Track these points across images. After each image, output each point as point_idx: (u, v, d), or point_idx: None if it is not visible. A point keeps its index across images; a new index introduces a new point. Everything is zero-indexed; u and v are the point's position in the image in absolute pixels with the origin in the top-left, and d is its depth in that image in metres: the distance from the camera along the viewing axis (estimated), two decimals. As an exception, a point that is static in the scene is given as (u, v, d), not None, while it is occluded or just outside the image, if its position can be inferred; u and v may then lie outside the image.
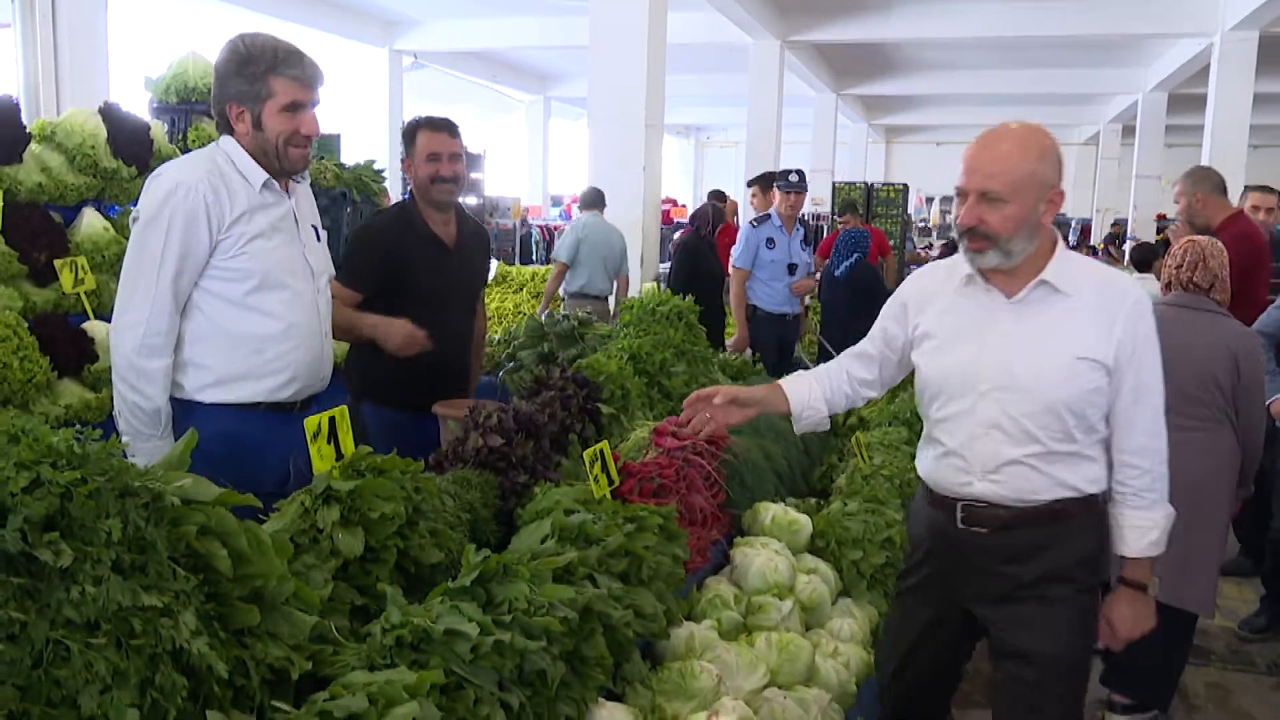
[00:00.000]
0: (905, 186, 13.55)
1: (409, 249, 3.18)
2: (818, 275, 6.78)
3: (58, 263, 3.22)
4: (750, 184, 7.53)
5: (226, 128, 2.42)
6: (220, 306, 2.36)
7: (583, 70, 17.55)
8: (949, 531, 2.15)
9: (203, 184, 2.29)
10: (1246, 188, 5.60)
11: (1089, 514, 2.09)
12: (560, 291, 7.14)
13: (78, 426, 1.32)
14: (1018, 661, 2.10)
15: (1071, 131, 23.57)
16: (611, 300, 7.18)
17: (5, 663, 1.10)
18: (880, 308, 2.31)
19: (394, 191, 8.30)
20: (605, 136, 8.14)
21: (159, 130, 3.93)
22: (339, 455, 1.94)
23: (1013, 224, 1.97)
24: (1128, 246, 12.13)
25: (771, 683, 2.17)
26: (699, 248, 6.57)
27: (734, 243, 6.09)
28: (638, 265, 7.93)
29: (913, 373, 2.26)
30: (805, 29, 12.91)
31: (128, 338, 2.30)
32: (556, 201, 19.78)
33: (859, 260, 6.48)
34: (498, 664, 1.45)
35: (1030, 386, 2.02)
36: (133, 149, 3.71)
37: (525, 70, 18.60)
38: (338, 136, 7.70)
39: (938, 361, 2.14)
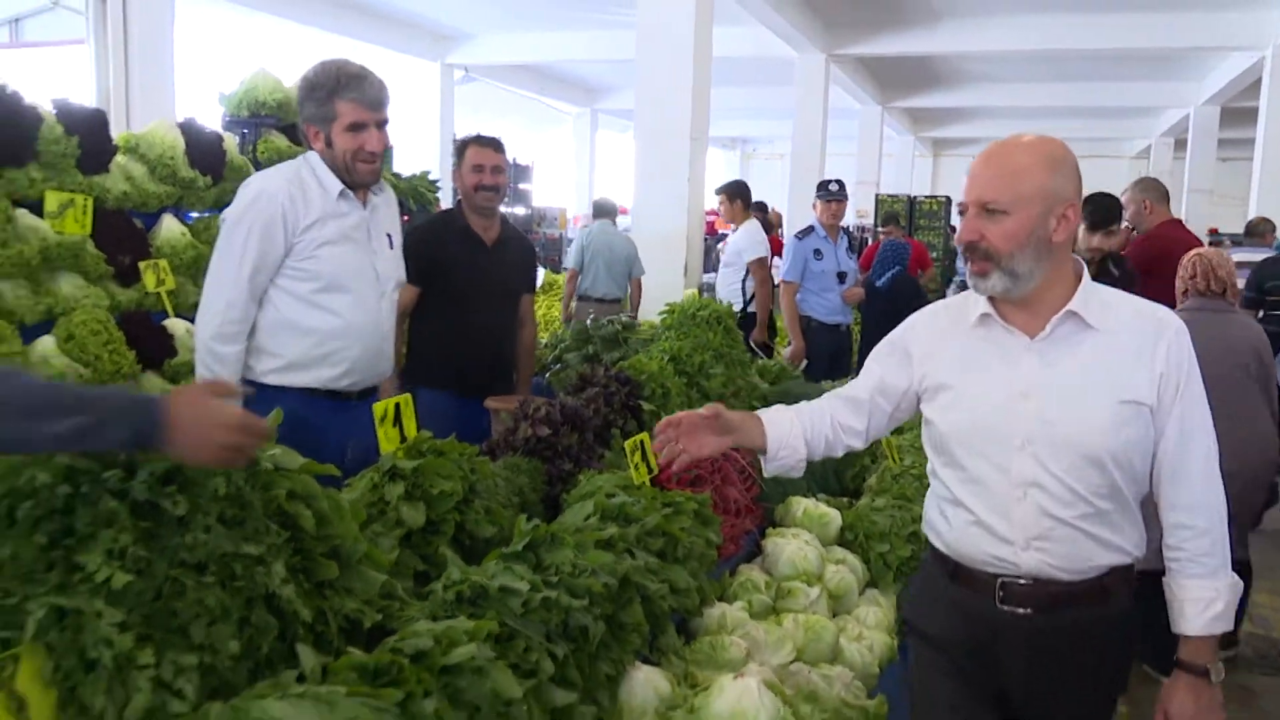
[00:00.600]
0: (948, 199, 13.58)
1: (447, 245, 3.57)
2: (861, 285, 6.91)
3: (142, 264, 3.48)
4: (718, 192, 7.50)
5: (308, 145, 2.69)
6: (290, 302, 2.62)
7: (629, 83, 17.77)
8: (984, 614, 1.87)
9: (281, 193, 2.56)
10: None
11: (1127, 584, 1.87)
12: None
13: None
14: None
15: (1123, 145, 23.37)
16: (629, 303, 7.52)
17: (134, 593, 1.30)
18: None
19: (445, 201, 8.63)
20: (651, 148, 8.32)
21: (231, 143, 4.19)
22: (403, 438, 2.14)
23: (1014, 239, 1.75)
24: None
25: (798, 659, 2.32)
26: None
27: (778, 252, 6.28)
28: (681, 274, 8.11)
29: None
30: (850, 43, 13.01)
31: (208, 324, 2.58)
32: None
33: (900, 272, 6.58)
34: (545, 618, 1.63)
35: (1071, 437, 1.77)
36: (208, 160, 3.97)
37: (573, 83, 18.90)
38: (391, 148, 8.00)
39: (956, 415, 1.88)
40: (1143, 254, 4.83)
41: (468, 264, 3.52)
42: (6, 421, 1.24)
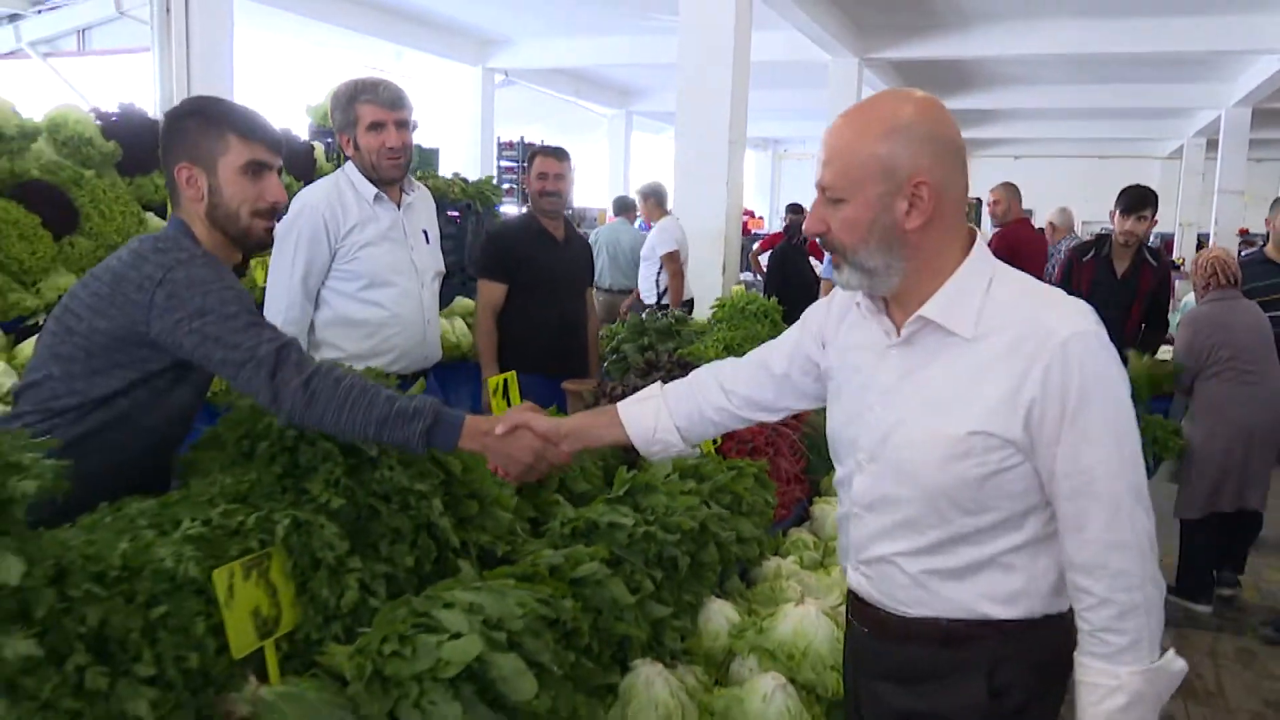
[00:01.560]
0: (978, 200, 13.82)
1: (529, 244, 4.01)
2: None
3: (252, 261, 3.89)
4: (638, 193, 7.92)
5: (343, 157, 3.06)
6: (341, 300, 2.98)
7: (663, 86, 18.11)
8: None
9: (322, 204, 2.92)
10: None
11: (1006, 644, 1.50)
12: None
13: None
14: None
15: (1155, 145, 23.40)
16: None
17: (345, 514, 1.68)
18: None
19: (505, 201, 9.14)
20: (690, 151, 8.68)
21: (319, 150, 4.60)
22: (509, 406, 2.53)
23: (854, 230, 1.45)
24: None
25: (843, 603, 2.68)
26: (789, 255, 7.07)
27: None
28: (720, 271, 8.47)
29: None
30: (884, 47, 13.30)
31: (274, 324, 2.96)
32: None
33: None
34: (644, 549, 2.01)
35: (902, 465, 1.49)
36: (301, 166, 4.39)
37: (608, 86, 19.29)
38: (436, 151, 8.41)
39: (830, 412, 1.68)
40: (998, 250, 5.54)
41: (545, 260, 3.94)
42: (369, 429, 1.70)
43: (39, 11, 11.31)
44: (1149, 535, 1.39)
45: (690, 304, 7.15)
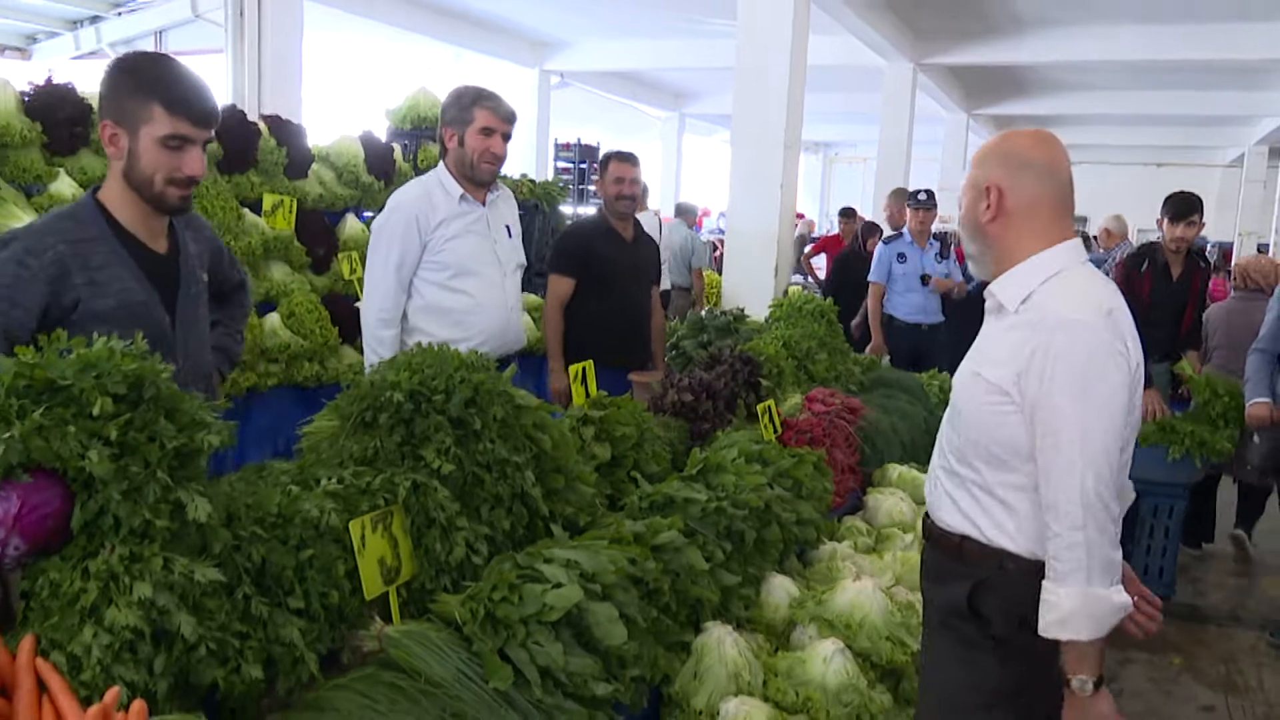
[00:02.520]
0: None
1: (599, 242, 4.23)
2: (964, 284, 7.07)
3: (340, 255, 4.15)
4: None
5: (443, 151, 3.26)
6: (431, 289, 3.18)
7: (715, 89, 18.23)
8: None
9: (413, 202, 3.14)
10: None
11: (999, 572, 1.84)
12: None
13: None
14: (921, 688, 2.05)
15: (1215, 153, 23.06)
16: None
17: (454, 480, 1.89)
18: None
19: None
20: (746, 156, 8.83)
21: (398, 152, 4.85)
22: (587, 394, 2.73)
23: (961, 225, 1.96)
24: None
25: (896, 584, 2.84)
26: (851, 260, 7.18)
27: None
28: (772, 274, 8.62)
29: None
30: (938, 52, 13.32)
31: (370, 313, 3.18)
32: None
33: None
34: (715, 522, 2.20)
35: (954, 395, 1.96)
36: (381, 167, 4.64)
37: (662, 88, 19.50)
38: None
39: None
40: None
41: (614, 259, 4.14)
42: None
43: (119, 14, 11.78)
44: (1097, 492, 1.70)
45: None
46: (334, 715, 1.50)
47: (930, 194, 6.41)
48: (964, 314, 6.94)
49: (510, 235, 3.38)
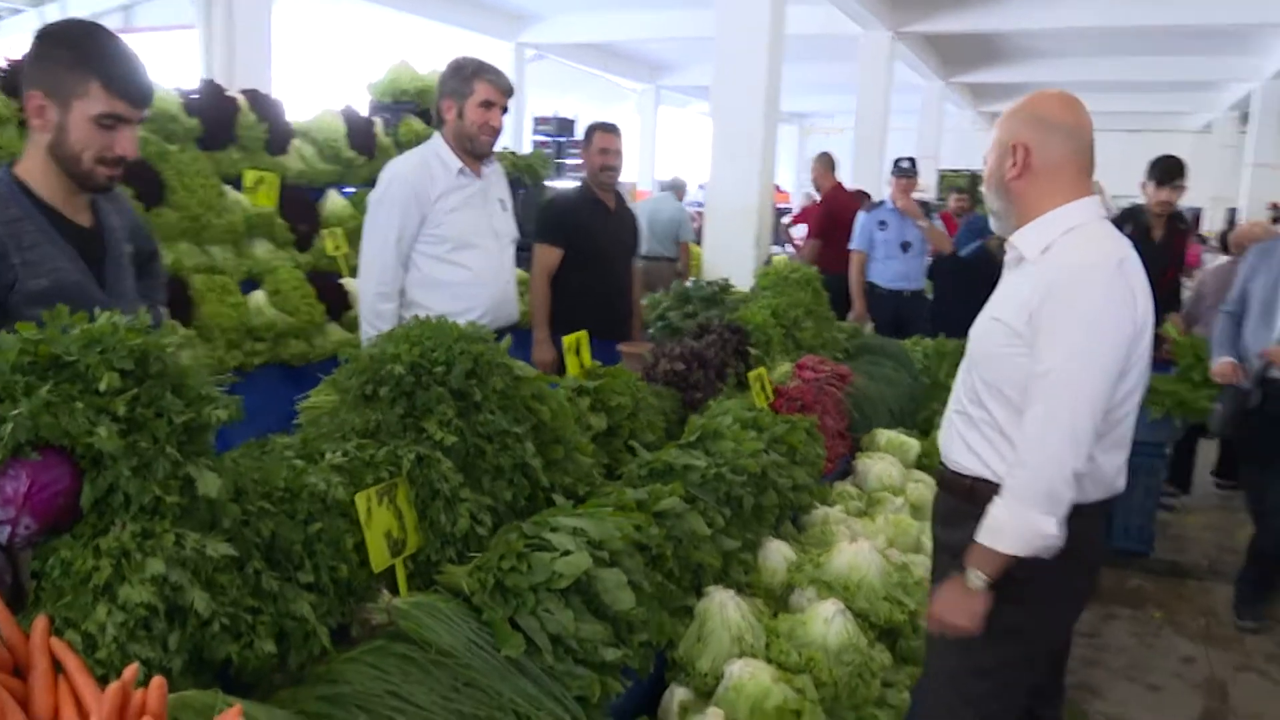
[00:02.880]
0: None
1: (584, 212, 4.25)
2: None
3: (324, 232, 4.11)
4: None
5: (439, 122, 3.23)
6: (430, 262, 3.17)
7: (690, 60, 18.13)
8: None
9: (412, 174, 3.12)
10: None
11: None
12: None
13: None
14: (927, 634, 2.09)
15: (1186, 119, 23.18)
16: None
17: (456, 451, 1.89)
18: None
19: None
20: (727, 127, 8.79)
21: (379, 126, 4.80)
22: (581, 365, 2.73)
23: (986, 181, 2.02)
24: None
25: (890, 546, 2.88)
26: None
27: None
28: (753, 244, 8.63)
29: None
30: (916, 20, 13.30)
31: (368, 288, 3.15)
32: (663, 186, 20.62)
33: (983, 245, 6.94)
34: (715, 488, 2.21)
35: (971, 341, 2.05)
36: (363, 142, 4.59)
37: (637, 60, 19.37)
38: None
39: None
40: (818, 219, 7.28)
41: (598, 228, 4.14)
42: None
43: (83, -11, 11.57)
44: (1070, 430, 1.78)
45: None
46: (347, 688, 1.50)
47: (913, 161, 6.43)
48: (951, 282, 6.96)
49: (505, 208, 3.37)
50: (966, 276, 6.73)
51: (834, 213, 7.46)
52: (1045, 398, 1.80)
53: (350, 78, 14.88)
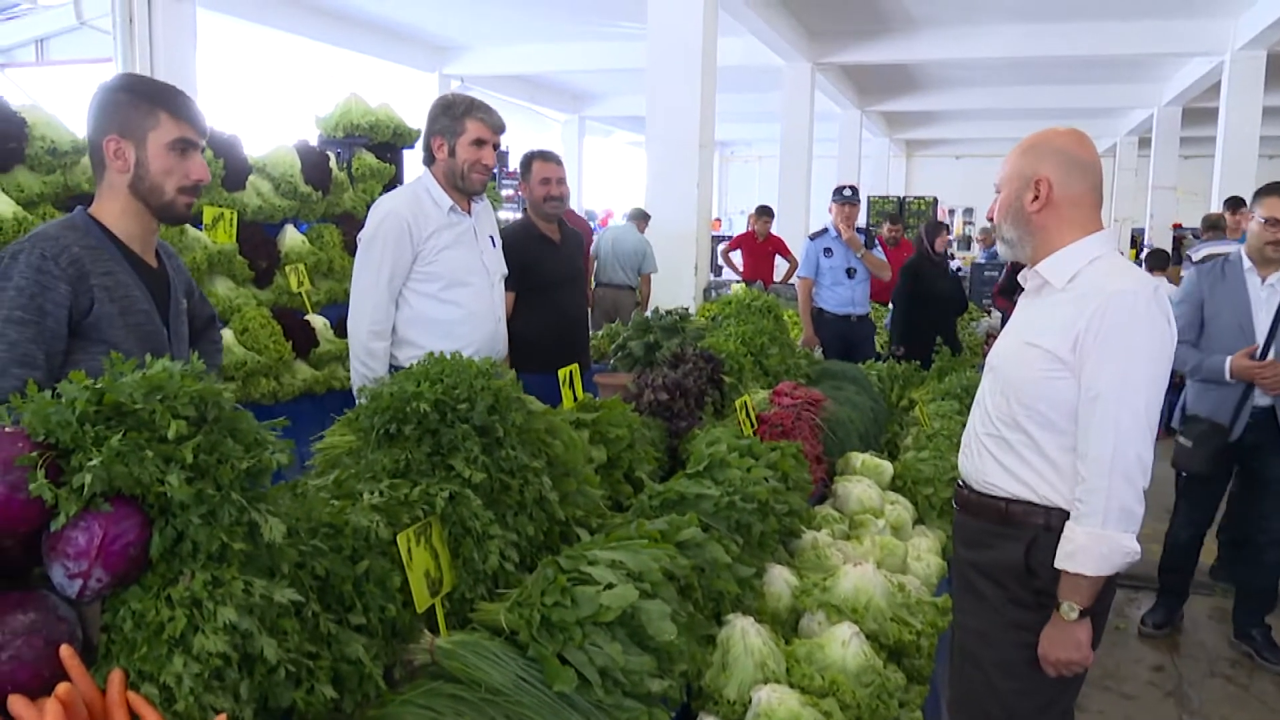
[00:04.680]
0: (935, 199, 14.27)
1: (531, 251, 4.18)
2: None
3: (287, 268, 4.04)
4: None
5: (429, 159, 3.23)
6: (422, 300, 3.17)
7: (614, 91, 18.26)
8: None
9: (405, 211, 3.12)
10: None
11: (1044, 530, 2.03)
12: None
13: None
14: (960, 651, 2.24)
15: (1088, 143, 24.22)
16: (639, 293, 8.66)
17: (482, 487, 1.89)
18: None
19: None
20: (662, 156, 8.92)
21: (332, 160, 4.75)
22: (575, 398, 2.74)
23: (1000, 211, 2.11)
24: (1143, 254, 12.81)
25: (879, 568, 2.93)
26: (920, 266, 6.90)
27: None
28: (692, 273, 8.73)
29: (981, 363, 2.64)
30: (835, 52, 13.68)
31: (361, 325, 3.12)
32: (590, 216, 20.72)
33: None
34: (727, 516, 2.24)
35: (996, 366, 2.14)
36: (318, 176, 4.54)
37: (562, 91, 19.51)
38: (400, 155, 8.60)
39: None
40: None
41: (547, 265, 4.12)
42: None
43: (-6, 21, 11.19)
44: (1135, 448, 1.88)
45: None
46: (402, 730, 1.49)
47: (855, 190, 6.61)
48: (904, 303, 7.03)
49: (494, 245, 3.37)
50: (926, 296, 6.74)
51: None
52: (1100, 420, 1.89)
53: (278, 110, 14.68)
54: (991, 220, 2.18)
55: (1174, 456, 4.07)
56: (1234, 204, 8.68)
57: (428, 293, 3.16)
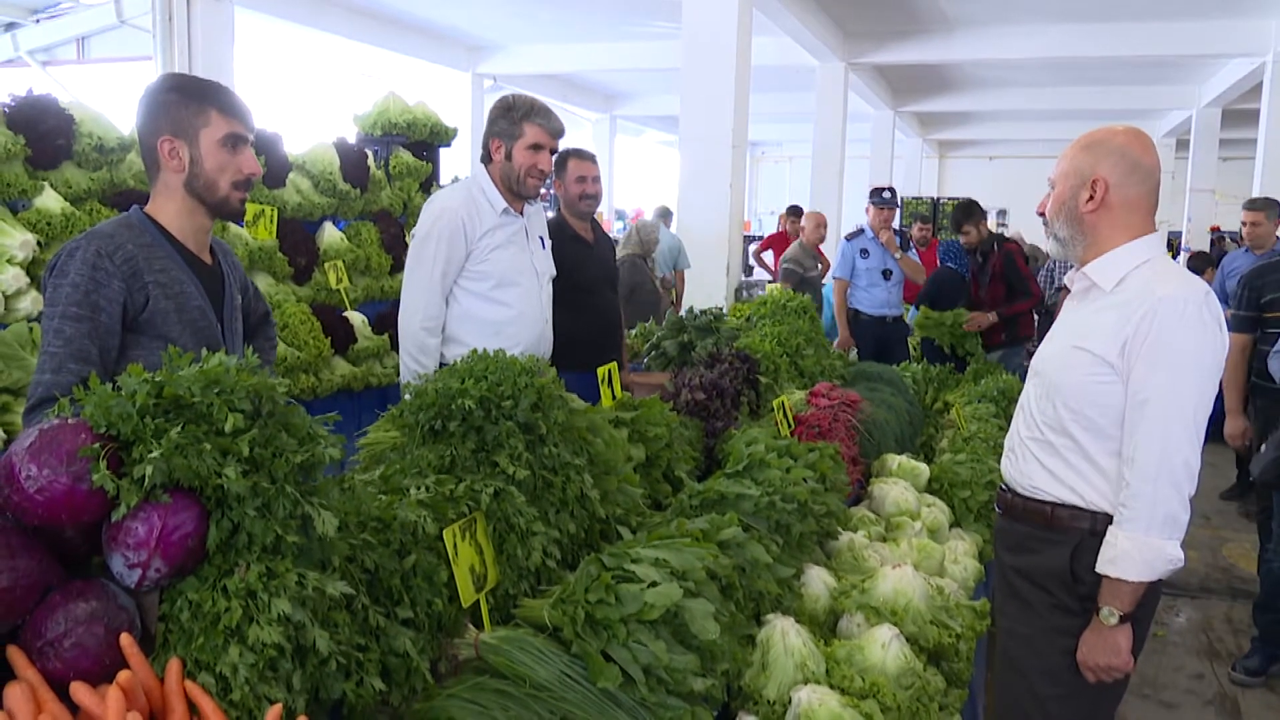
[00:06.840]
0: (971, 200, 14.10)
1: (565, 250, 4.08)
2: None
3: (326, 265, 4.08)
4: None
5: (486, 158, 3.25)
6: (471, 299, 3.18)
7: (645, 90, 18.28)
8: None
9: (460, 208, 3.13)
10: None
11: (1089, 534, 2.02)
12: None
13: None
14: (1003, 657, 2.25)
15: (1124, 145, 23.91)
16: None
17: (525, 484, 1.90)
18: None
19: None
20: (695, 156, 8.93)
21: (371, 158, 4.79)
22: (613, 396, 2.75)
23: (1052, 208, 2.09)
24: (1181, 257, 12.65)
25: (917, 570, 2.92)
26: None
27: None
28: (724, 273, 8.73)
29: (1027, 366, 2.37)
30: (869, 52, 13.61)
31: (415, 320, 3.13)
32: (620, 215, 20.76)
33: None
34: (767, 516, 2.24)
35: (1041, 370, 2.12)
36: (357, 174, 4.57)
37: (594, 91, 19.55)
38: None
39: None
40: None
41: (581, 263, 4.09)
42: None
43: (37, 20, 11.36)
44: (1183, 455, 1.87)
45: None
46: (448, 724, 1.50)
47: (893, 191, 6.58)
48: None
49: (544, 246, 3.39)
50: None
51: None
52: (1149, 425, 1.88)
53: (316, 108, 14.83)
54: (1043, 215, 2.14)
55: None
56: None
57: (478, 291, 3.17)
